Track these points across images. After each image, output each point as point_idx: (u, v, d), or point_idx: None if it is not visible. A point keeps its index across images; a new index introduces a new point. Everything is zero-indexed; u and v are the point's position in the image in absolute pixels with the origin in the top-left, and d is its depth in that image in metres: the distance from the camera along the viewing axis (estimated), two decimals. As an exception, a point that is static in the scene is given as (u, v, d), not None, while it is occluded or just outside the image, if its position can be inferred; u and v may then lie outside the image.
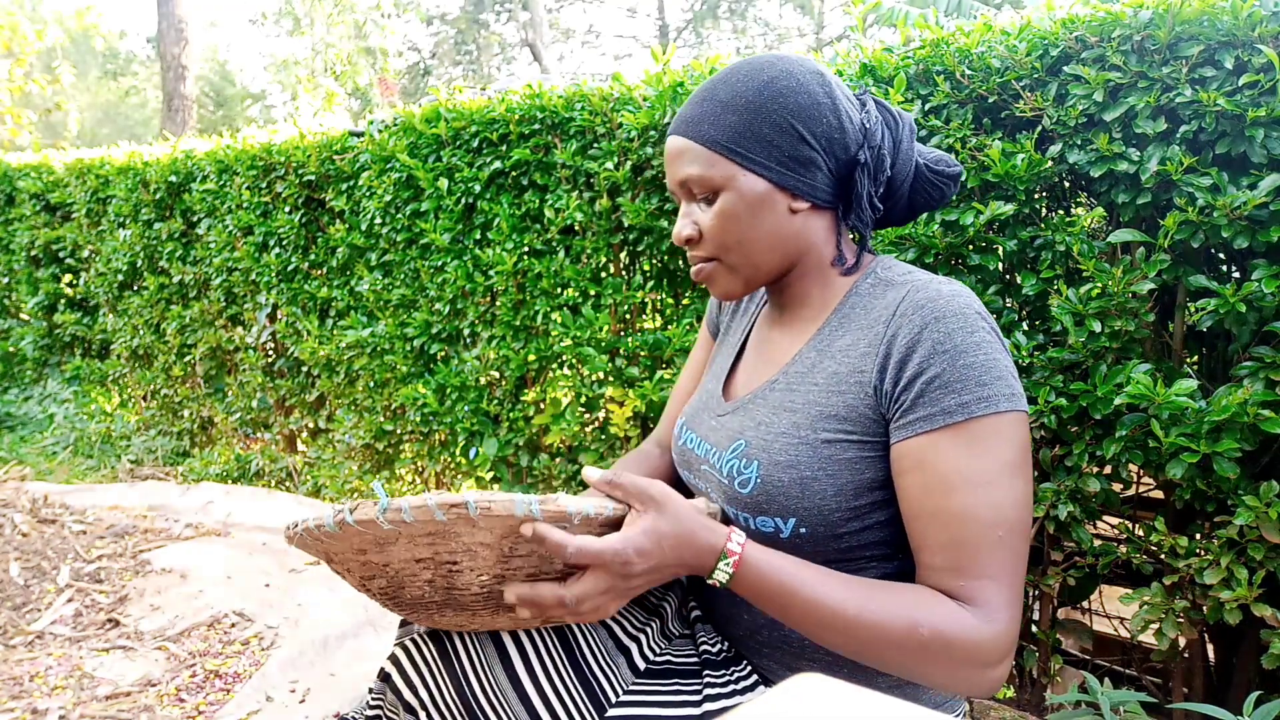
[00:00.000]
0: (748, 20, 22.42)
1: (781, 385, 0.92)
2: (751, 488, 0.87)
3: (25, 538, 2.50)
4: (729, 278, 0.93)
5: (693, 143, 0.89)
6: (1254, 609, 1.32)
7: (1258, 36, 1.30)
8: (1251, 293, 1.29)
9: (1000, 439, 0.78)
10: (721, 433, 0.96)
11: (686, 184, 0.90)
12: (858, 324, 0.88)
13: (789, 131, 0.87)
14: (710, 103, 0.89)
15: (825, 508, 0.84)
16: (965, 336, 0.79)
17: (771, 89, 0.88)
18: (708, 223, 0.90)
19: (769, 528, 0.87)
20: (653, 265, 2.31)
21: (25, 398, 4.83)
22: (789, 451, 0.86)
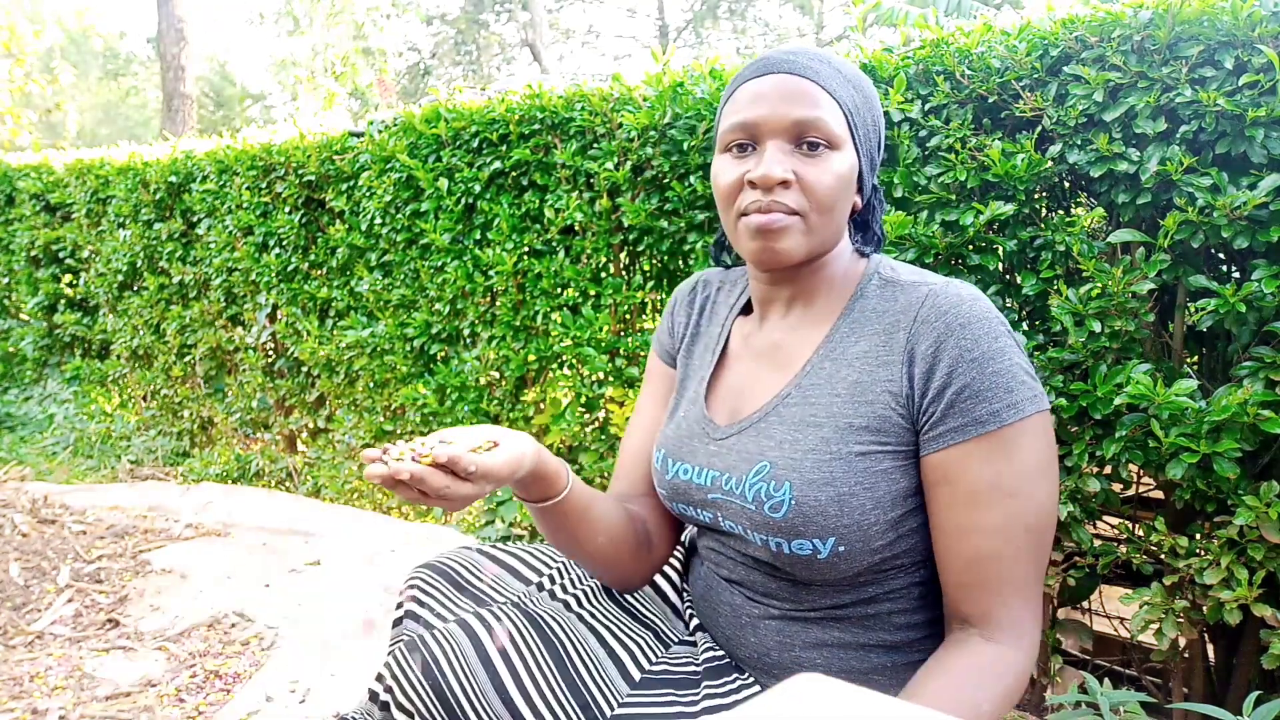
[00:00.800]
0: (748, 20, 22.42)
1: (796, 399, 0.87)
2: (786, 510, 0.82)
3: (25, 538, 2.50)
4: (802, 240, 0.85)
5: (823, 91, 0.85)
6: (1254, 609, 1.32)
7: (1258, 36, 1.30)
8: (1251, 293, 1.29)
9: (1031, 442, 0.78)
10: (731, 456, 0.90)
11: (804, 126, 0.84)
12: (871, 329, 0.86)
13: (878, 130, 0.91)
14: (826, 65, 0.87)
15: (864, 522, 0.81)
16: (990, 343, 0.78)
17: (870, 87, 0.91)
18: (811, 173, 0.84)
19: (805, 550, 0.83)
20: (653, 265, 2.31)
21: (25, 398, 4.83)
22: (823, 468, 0.82)
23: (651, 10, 23.40)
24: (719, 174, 0.89)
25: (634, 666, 0.95)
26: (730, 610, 0.94)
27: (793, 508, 0.82)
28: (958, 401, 0.78)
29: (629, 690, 0.92)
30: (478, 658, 0.86)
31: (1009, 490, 0.77)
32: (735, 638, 0.94)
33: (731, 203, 0.87)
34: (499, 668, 0.86)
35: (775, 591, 0.90)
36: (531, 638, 0.89)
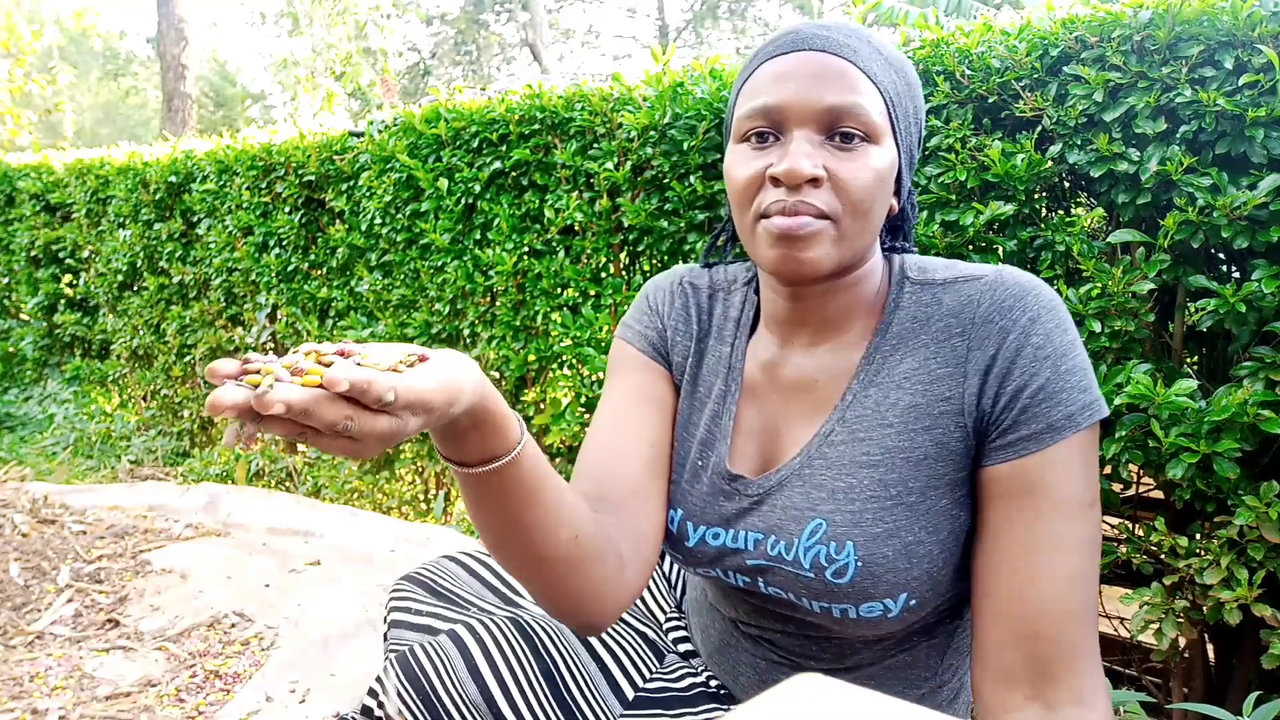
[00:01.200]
0: (748, 20, 22.43)
1: (842, 437, 0.75)
2: (852, 575, 0.71)
3: (25, 538, 2.50)
4: (832, 249, 0.71)
5: (861, 73, 0.71)
6: (1254, 609, 1.32)
7: (1258, 36, 1.30)
8: (1251, 293, 1.29)
9: (1094, 450, 0.69)
10: (775, 515, 0.76)
11: (840, 113, 0.70)
12: (917, 341, 0.74)
13: (919, 123, 0.77)
14: (864, 43, 0.73)
15: (933, 570, 0.71)
16: (1062, 335, 0.69)
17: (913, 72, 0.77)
18: (845, 169, 0.70)
19: (875, 612, 0.72)
20: (653, 265, 2.30)
21: (25, 398, 4.83)
22: (885, 518, 0.71)
23: (651, 10, 23.40)
24: (734, 167, 0.74)
25: (627, 684, 0.92)
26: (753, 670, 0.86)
27: (859, 570, 0.71)
28: (1031, 406, 0.68)
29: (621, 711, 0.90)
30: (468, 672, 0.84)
31: (1087, 502, 0.67)
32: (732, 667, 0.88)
33: (749, 201, 0.73)
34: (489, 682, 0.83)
35: (815, 653, 0.81)
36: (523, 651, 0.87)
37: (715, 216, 1.99)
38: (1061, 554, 0.66)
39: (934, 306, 0.74)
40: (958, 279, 0.74)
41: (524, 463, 0.65)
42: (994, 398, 0.69)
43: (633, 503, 0.80)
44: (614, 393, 0.88)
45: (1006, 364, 0.69)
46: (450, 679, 0.84)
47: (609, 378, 0.90)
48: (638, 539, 0.79)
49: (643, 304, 0.92)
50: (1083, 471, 0.68)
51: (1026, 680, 0.67)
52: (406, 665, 0.85)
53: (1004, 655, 0.67)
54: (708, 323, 0.88)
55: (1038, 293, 0.70)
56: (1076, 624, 0.66)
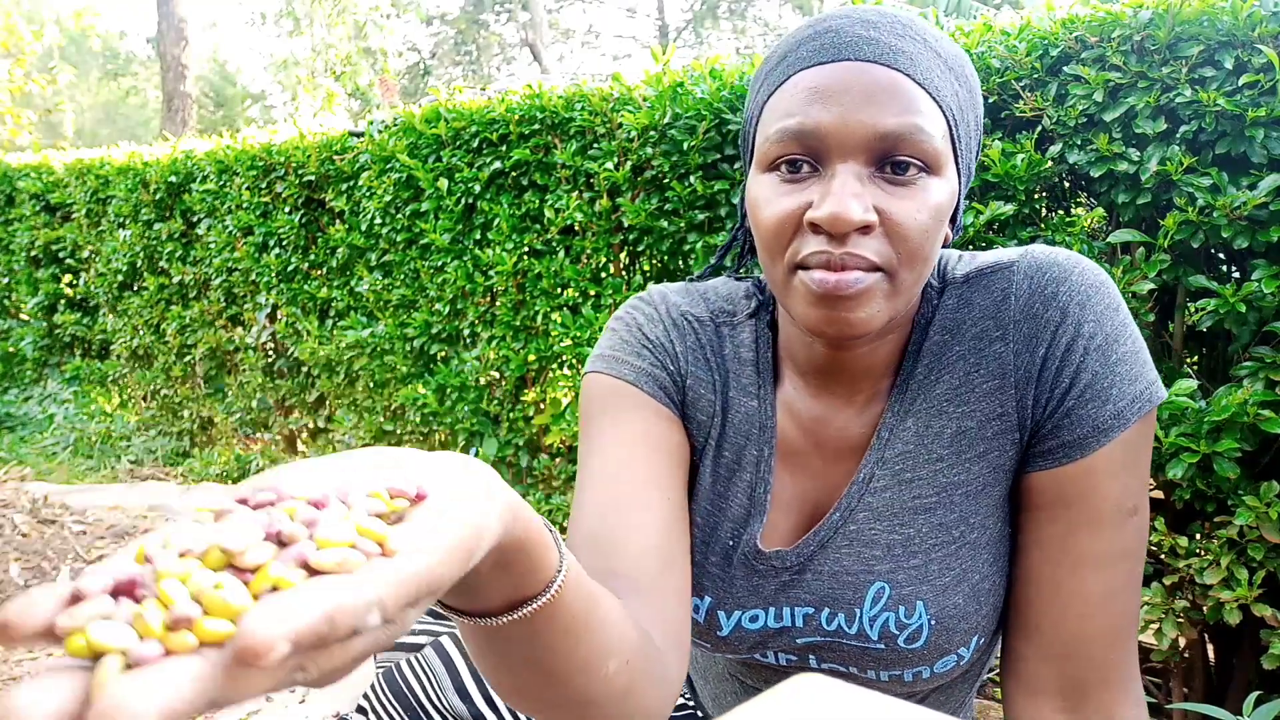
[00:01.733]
0: (748, 20, 22.43)
1: (885, 480, 0.65)
2: (927, 636, 0.63)
3: (25, 538, 2.50)
4: (884, 305, 0.59)
5: (919, 87, 0.57)
6: (1254, 609, 1.32)
7: (1258, 36, 1.30)
8: (1251, 293, 1.29)
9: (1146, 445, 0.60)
10: (823, 583, 0.66)
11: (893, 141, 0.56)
12: (952, 355, 0.64)
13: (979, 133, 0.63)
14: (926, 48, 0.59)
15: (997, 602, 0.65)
16: (1113, 317, 0.59)
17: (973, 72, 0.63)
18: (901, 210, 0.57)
19: (949, 665, 0.65)
20: (653, 265, 2.31)
21: (25, 398, 4.83)
22: (951, 565, 0.63)
23: (651, 10, 23.40)
24: (761, 202, 0.60)
25: None
26: None
27: (934, 629, 0.63)
28: (1077, 408, 0.59)
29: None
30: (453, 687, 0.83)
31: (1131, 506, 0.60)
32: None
33: (782, 248, 0.60)
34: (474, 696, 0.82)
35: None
36: None
37: (715, 217, 1.99)
38: (1097, 569, 0.60)
39: (963, 310, 0.64)
40: (982, 271, 0.64)
41: (566, 595, 0.45)
42: (1045, 403, 0.61)
43: (659, 582, 0.62)
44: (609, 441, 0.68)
45: (1057, 363, 0.60)
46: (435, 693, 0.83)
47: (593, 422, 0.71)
48: (668, 625, 0.61)
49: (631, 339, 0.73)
50: (1128, 475, 0.60)
51: (1057, 694, 0.62)
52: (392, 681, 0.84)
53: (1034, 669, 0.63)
54: (723, 367, 0.72)
55: (1081, 271, 0.61)
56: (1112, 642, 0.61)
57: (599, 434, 0.69)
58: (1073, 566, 0.60)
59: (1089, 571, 0.60)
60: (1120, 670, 0.61)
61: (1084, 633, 0.60)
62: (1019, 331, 0.61)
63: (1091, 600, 0.60)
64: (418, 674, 0.82)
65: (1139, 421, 0.59)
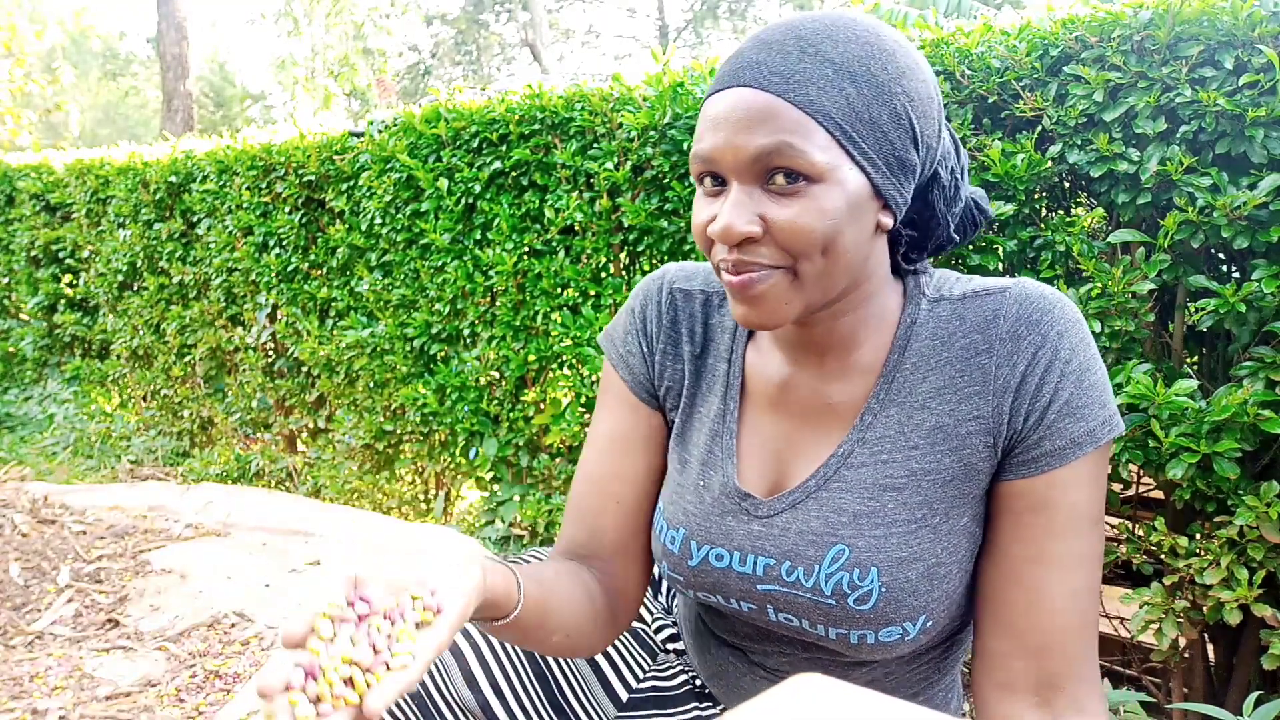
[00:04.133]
0: (748, 20, 22.43)
1: (862, 458, 0.73)
2: (875, 601, 0.70)
3: (25, 538, 2.50)
4: (792, 295, 0.67)
5: (792, 106, 0.63)
6: (1254, 609, 1.32)
7: (1258, 36, 1.30)
8: (1251, 293, 1.29)
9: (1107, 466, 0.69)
10: (789, 538, 0.74)
11: (769, 157, 0.64)
12: (941, 360, 0.71)
13: (905, 125, 0.67)
14: (815, 59, 0.64)
15: (951, 589, 0.71)
16: (1086, 350, 0.68)
17: (895, 64, 0.66)
18: (785, 219, 0.64)
19: (894, 636, 0.71)
20: (653, 265, 2.31)
21: (25, 398, 4.83)
22: (910, 543, 0.70)
23: (651, 10, 23.40)
24: (693, 214, 0.71)
25: (621, 686, 0.92)
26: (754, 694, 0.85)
27: (883, 595, 0.69)
28: (1056, 421, 0.67)
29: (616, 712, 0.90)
30: (463, 679, 0.84)
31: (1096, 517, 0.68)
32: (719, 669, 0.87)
33: (708, 251, 0.70)
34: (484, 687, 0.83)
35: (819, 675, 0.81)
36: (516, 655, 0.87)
37: (715, 216, 1.99)
38: (1069, 570, 0.67)
39: (955, 323, 0.71)
40: (977, 293, 0.72)
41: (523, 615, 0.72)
42: (1025, 414, 0.68)
43: (619, 559, 0.85)
44: (602, 426, 0.87)
45: (1037, 380, 0.67)
46: (446, 685, 0.83)
47: (600, 396, 0.89)
48: (623, 593, 0.85)
49: (630, 317, 0.87)
50: (1094, 488, 0.68)
51: (1030, 689, 0.68)
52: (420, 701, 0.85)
53: (1009, 665, 0.68)
54: (703, 336, 0.84)
55: (1063, 306, 0.69)
56: (1079, 637, 0.67)
57: (595, 420, 0.88)
58: (1050, 566, 0.67)
59: (1063, 571, 0.67)
60: (1087, 664, 0.68)
61: (1057, 627, 0.67)
62: (1004, 348, 0.68)
63: (1065, 597, 0.67)
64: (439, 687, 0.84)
65: (1106, 444, 0.68)
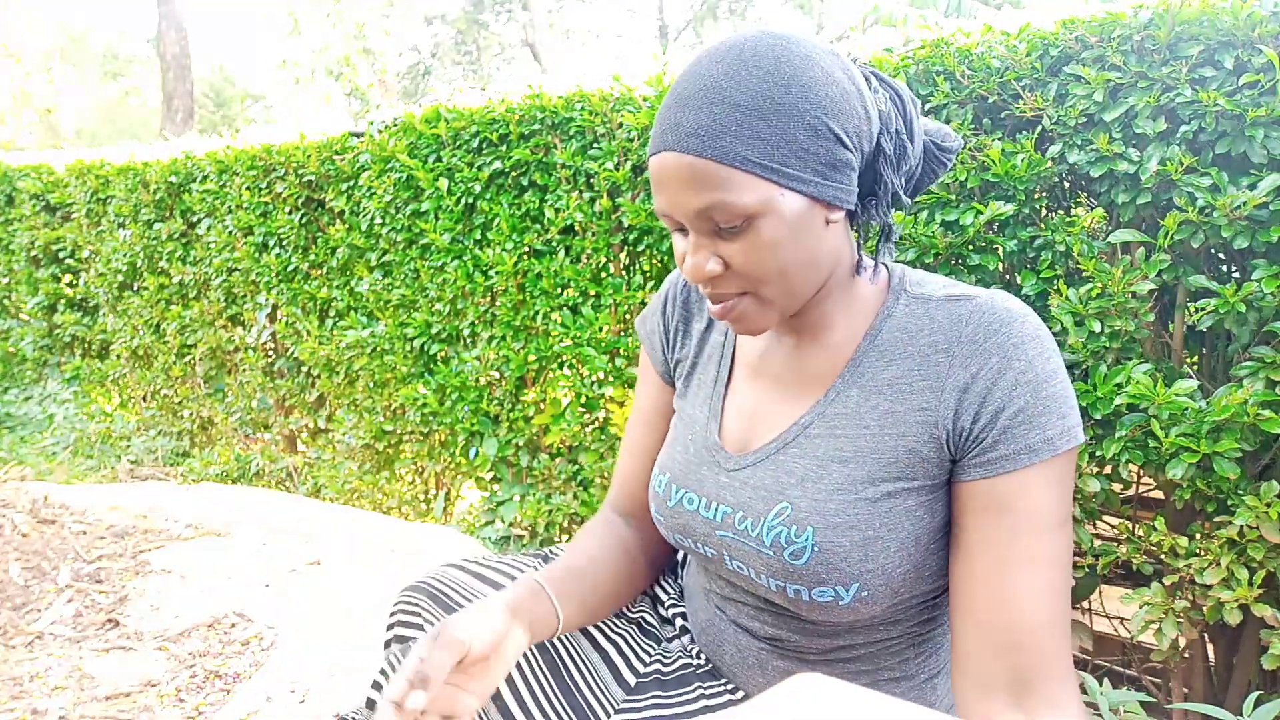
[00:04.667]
0: (748, 20, 22.42)
1: (820, 430, 0.79)
2: (808, 558, 0.76)
3: (25, 538, 2.50)
4: (764, 312, 0.77)
5: (712, 163, 0.70)
6: (1254, 609, 1.32)
7: (1258, 36, 1.30)
8: (1251, 293, 1.29)
9: (1070, 474, 0.73)
10: (746, 492, 0.82)
11: (708, 213, 0.71)
12: (904, 352, 0.77)
13: (825, 134, 0.72)
14: (725, 107, 0.70)
15: (888, 565, 0.75)
16: (1044, 363, 0.71)
17: (799, 83, 0.71)
18: (739, 256, 0.73)
19: (827, 597, 0.77)
20: (653, 265, 2.31)
21: (25, 398, 4.83)
22: (847, 511, 0.75)
23: (651, 10, 23.40)
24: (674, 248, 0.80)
25: (628, 671, 0.94)
26: (737, 650, 0.90)
27: (815, 554, 0.75)
28: (1011, 427, 0.70)
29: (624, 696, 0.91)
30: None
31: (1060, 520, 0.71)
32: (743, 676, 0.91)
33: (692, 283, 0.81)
34: None
35: (782, 633, 0.85)
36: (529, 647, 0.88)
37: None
38: (1035, 568, 0.70)
39: (925, 320, 0.77)
40: (951, 297, 0.77)
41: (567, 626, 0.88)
42: (973, 416, 0.72)
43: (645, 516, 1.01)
44: (639, 400, 1.03)
45: (987, 385, 0.72)
46: None
47: (639, 374, 1.03)
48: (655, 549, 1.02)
49: (656, 301, 1.00)
50: (1057, 493, 0.71)
51: (1005, 688, 0.70)
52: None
53: (983, 665, 0.71)
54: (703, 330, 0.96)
55: (1024, 320, 0.73)
56: (1050, 634, 0.70)
57: (635, 395, 1.04)
58: (1014, 566, 0.70)
59: (1030, 569, 0.70)
60: (1058, 661, 0.70)
61: (1026, 624, 0.69)
62: (960, 350, 0.73)
63: (1031, 594, 0.70)
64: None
65: (1066, 453, 0.71)
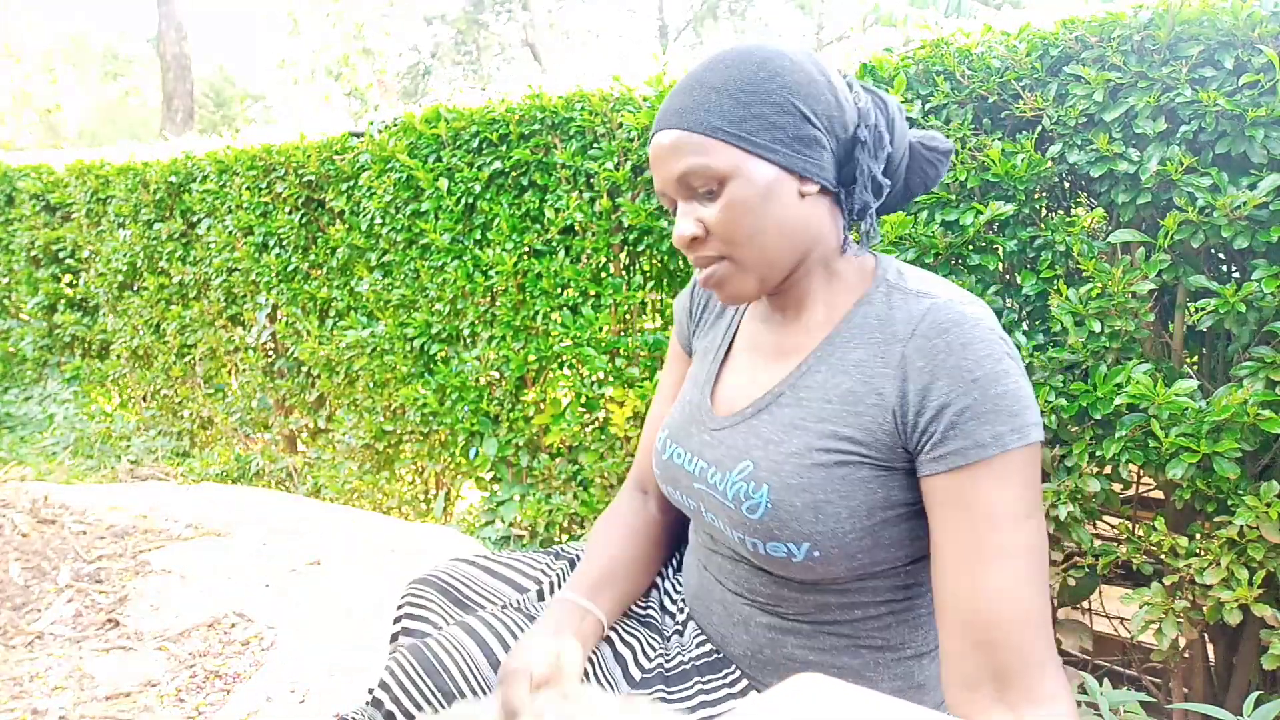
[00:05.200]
0: (748, 20, 22.42)
1: (789, 399, 0.86)
2: (762, 513, 0.82)
3: (25, 538, 2.50)
4: (742, 277, 0.84)
5: (689, 133, 0.81)
6: (1254, 609, 1.32)
7: (1258, 36, 1.30)
8: (1251, 293, 1.29)
9: (1031, 470, 0.75)
10: (720, 450, 0.90)
11: (686, 178, 0.82)
12: (871, 337, 0.82)
13: (791, 111, 0.81)
14: (701, 89, 0.82)
15: (839, 530, 0.80)
16: (993, 364, 0.75)
17: (767, 68, 0.82)
18: (714, 217, 0.82)
19: (780, 553, 0.83)
20: (653, 265, 2.31)
21: (25, 398, 4.83)
22: (801, 474, 0.81)
23: (651, 10, 23.39)
24: None
25: (634, 665, 0.96)
26: (723, 608, 0.94)
27: (769, 510, 0.82)
28: (959, 423, 0.74)
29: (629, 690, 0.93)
30: (484, 656, 0.88)
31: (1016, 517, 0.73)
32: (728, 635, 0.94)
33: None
34: None
35: (759, 590, 0.90)
36: None
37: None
38: (1001, 562, 0.72)
39: (893, 310, 0.82)
40: (921, 294, 0.82)
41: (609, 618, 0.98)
42: (919, 408, 0.77)
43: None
44: (664, 377, 1.13)
45: (930, 379, 0.76)
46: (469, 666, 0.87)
47: (669, 351, 1.14)
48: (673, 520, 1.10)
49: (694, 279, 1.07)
50: (1017, 488, 0.73)
51: (987, 682, 0.72)
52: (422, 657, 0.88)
53: (963, 661, 0.73)
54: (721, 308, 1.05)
55: (977, 323, 0.77)
56: (1024, 627, 0.71)
57: (661, 376, 1.15)
58: (982, 559, 0.73)
59: (994, 566, 0.72)
60: (1038, 653, 0.71)
61: (996, 619, 0.71)
62: (915, 344, 0.78)
63: (1000, 591, 0.72)
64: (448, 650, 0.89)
65: (1020, 449, 0.73)
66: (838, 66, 0.91)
